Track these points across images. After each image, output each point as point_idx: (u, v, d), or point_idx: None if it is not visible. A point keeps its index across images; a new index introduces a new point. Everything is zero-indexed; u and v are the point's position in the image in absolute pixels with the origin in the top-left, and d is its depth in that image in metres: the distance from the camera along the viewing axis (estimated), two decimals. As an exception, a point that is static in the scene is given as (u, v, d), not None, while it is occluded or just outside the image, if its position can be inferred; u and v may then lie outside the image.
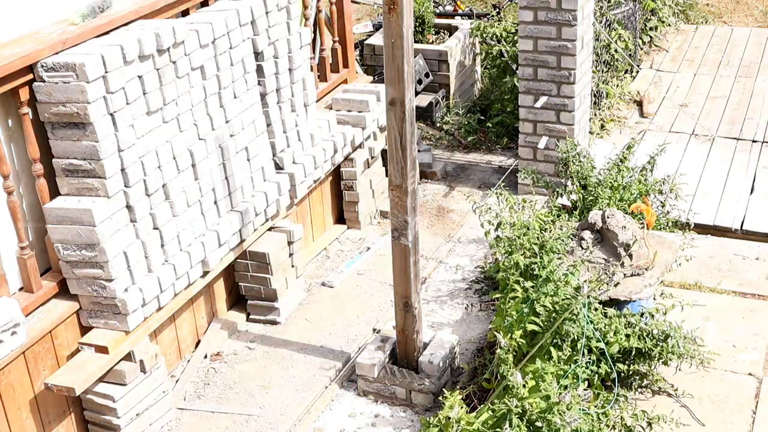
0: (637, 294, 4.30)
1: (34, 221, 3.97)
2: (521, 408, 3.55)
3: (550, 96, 5.78)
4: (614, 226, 4.44)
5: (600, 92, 6.88)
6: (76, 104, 3.65)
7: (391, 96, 3.77)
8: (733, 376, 4.33)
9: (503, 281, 4.36)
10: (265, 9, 4.68)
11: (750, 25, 8.96)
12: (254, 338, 4.80)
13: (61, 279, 3.97)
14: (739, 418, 4.08)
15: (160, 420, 4.20)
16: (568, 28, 5.55)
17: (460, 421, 3.70)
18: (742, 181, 6.00)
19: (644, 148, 6.03)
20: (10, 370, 3.71)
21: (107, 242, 3.81)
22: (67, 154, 3.78)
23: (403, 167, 3.90)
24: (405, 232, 4.04)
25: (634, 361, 4.15)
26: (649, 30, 8.22)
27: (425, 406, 4.24)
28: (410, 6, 3.62)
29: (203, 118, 4.34)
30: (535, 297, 4.05)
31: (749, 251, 5.31)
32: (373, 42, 7.44)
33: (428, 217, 5.92)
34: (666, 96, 7.36)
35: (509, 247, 4.44)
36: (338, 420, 4.23)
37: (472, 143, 6.85)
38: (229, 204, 4.57)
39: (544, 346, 3.92)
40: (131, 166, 3.89)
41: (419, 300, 4.27)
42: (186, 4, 4.52)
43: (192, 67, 4.20)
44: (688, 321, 4.33)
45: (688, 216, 5.27)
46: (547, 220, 4.77)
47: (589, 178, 5.16)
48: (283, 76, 4.92)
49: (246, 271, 4.83)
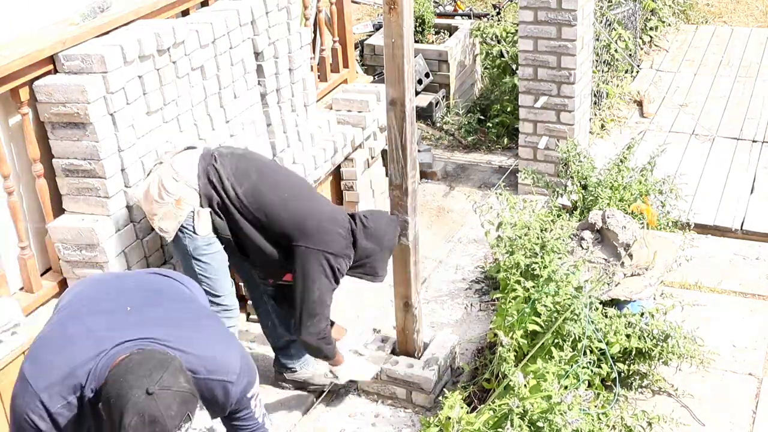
0: (638, 294, 4.30)
1: (34, 221, 3.96)
2: (522, 408, 3.55)
3: (550, 96, 5.78)
4: (614, 226, 4.44)
5: (600, 92, 6.88)
6: (76, 104, 3.65)
7: (391, 96, 3.76)
8: (733, 376, 4.33)
9: (504, 281, 4.36)
10: (265, 9, 4.68)
11: (750, 25, 8.96)
12: (254, 338, 4.79)
13: (61, 279, 3.97)
14: (739, 418, 4.08)
15: (161, 420, 4.19)
16: (568, 28, 5.55)
17: (460, 421, 3.70)
18: (742, 181, 6.00)
19: (644, 148, 6.03)
20: (10, 369, 3.70)
21: (107, 242, 3.81)
22: (67, 154, 3.78)
23: (403, 167, 3.90)
24: (405, 232, 4.04)
25: (634, 361, 4.14)
26: (649, 30, 8.22)
27: (425, 406, 4.24)
28: (410, 6, 3.62)
29: (203, 118, 4.34)
30: (536, 297, 4.05)
31: (749, 251, 5.31)
32: (373, 42, 7.44)
33: (428, 217, 5.92)
34: (666, 96, 7.36)
35: (510, 247, 4.44)
36: (338, 420, 4.23)
37: (472, 143, 6.85)
38: (229, 204, 4.57)
39: (545, 345, 3.92)
40: (131, 166, 3.89)
41: (419, 300, 4.27)
42: (186, 4, 4.51)
43: (192, 67, 4.20)
44: (688, 321, 4.32)
45: (688, 216, 5.27)
46: (548, 220, 4.77)
47: (589, 178, 5.16)
48: (283, 76, 4.92)
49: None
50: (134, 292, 2.77)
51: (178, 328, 2.61)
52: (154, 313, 2.65)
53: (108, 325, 2.56)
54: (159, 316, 2.65)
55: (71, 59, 3.71)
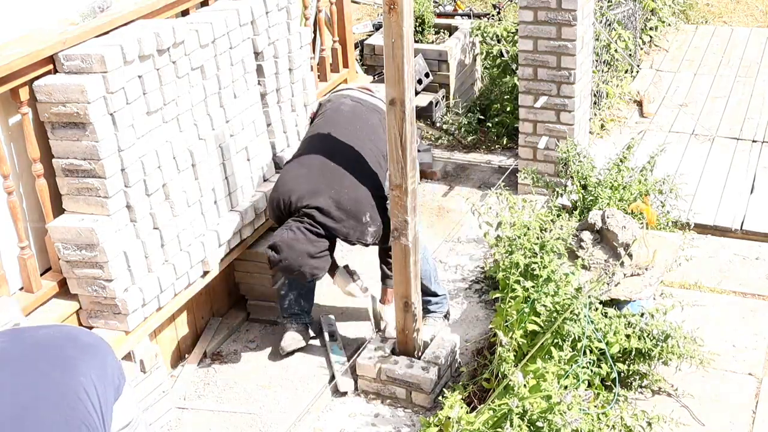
0: (637, 294, 4.30)
1: (33, 221, 3.97)
2: (522, 408, 3.55)
3: (550, 96, 5.78)
4: (614, 226, 4.44)
5: (600, 92, 6.88)
6: (76, 104, 3.65)
7: (391, 96, 3.77)
8: (733, 376, 4.33)
9: (503, 281, 4.35)
10: (265, 9, 4.68)
11: (750, 25, 8.96)
12: (254, 338, 4.80)
13: (61, 279, 3.97)
14: (739, 418, 4.08)
15: (160, 419, 4.19)
16: (568, 28, 5.55)
17: (460, 421, 3.70)
18: (742, 181, 6.00)
19: (644, 148, 6.03)
20: (10, 370, 3.71)
21: (107, 242, 3.81)
22: (67, 154, 3.78)
23: (403, 167, 3.90)
24: (405, 232, 4.04)
25: (634, 361, 4.15)
26: (649, 30, 8.22)
27: (425, 406, 4.24)
28: (410, 6, 3.62)
29: (203, 118, 4.34)
30: (536, 297, 4.05)
31: (749, 251, 5.31)
32: (373, 42, 7.44)
33: (428, 217, 5.92)
34: (666, 96, 7.36)
35: (510, 247, 4.44)
36: (338, 420, 4.23)
37: (472, 143, 6.85)
38: (229, 204, 4.57)
39: (544, 345, 3.92)
40: (131, 166, 3.89)
41: (419, 300, 4.27)
42: (186, 4, 4.52)
43: (192, 66, 4.20)
44: (688, 321, 4.33)
45: (688, 216, 5.27)
46: (547, 220, 4.77)
47: (589, 178, 5.16)
48: (283, 76, 4.92)
49: (246, 271, 4.83)
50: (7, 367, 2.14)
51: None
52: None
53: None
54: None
55: (71, 59, 3.71)
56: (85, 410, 2.09)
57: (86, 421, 2.08)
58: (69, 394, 2.09)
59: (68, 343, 2.20)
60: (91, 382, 2.12)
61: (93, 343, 2.24)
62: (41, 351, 2.16)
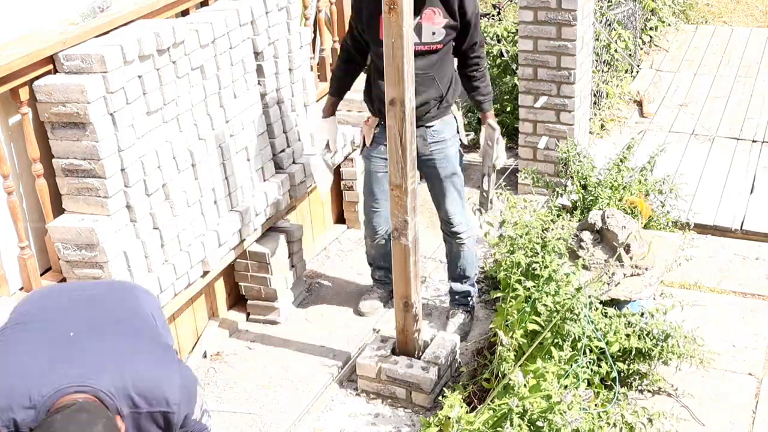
0: (637, 294, 4.30)
1: (33, 221, 3.97)
2: (522, 407, 3.55)
3: (550, 96, 5.78)
4: (614, 226, 4.44)
5: (600, 92, 6.88)
6: (76, 104, 3.66)
7: (391, 96, 3.77)
8: (733, 376, 4.33)
9: (504, 281, 4.36)
10: (265, 9, 4.68)
11: (750, 25, 8.96)
12: (254, 338, 4.80)
13: (61, 279, 3.97)
14: (739, 418, 4.08)
15: (160, 420, 4.20)
16: (568, 28, 5.56)
17: (460, 421, 3.70)
18: (742, 181, 6.00)
19: (644, 148, 6.04)
20: (10, 370, 3.71)
21: (107, 242, 3.81)
22: (67, 154, 3.79)
23: (403, 167, 3.90)
24: (405, 232, 4.04)
25: (634, 360, 4.15)
26: (649, 30, 8.22)
27: (425, 405, 4.24)
28: (410, 6, 3.62)
29: (203, 118, 4.34)
30: (537, 296, 4.05)
31: (749, 251, 5.31)
32: (373, 42, 7.43)
33: (428, 217, 5.91)
34: (666, 96, 7.36)
35: (511, 247, 4.44)
36: (338, 419, 4.23)
37: (472, 143, 6.84)
38: (229, 204, 4.57)
39: (544, 345, 3.92)
40: (131, 166, 3.89)
41: (419, 300, 4.27)
42: (186, 4, 4.52)
43: (192, 66, 4.20)
44: (688, 321, 4.33)
45: (688, 216, 5.27)
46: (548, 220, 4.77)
47: (589, 178, 5.16)
48: (283, 76, 4.93)
49: (246, 271, 4.83)
50: (83, 312, 2.72)
51: (114, 362, 2.57)
52: (94, 345, 2.60)
53: (50, 356, 2.53)
54: (96, 349, 2.59)
55: (71, 59, 3.72)
56: (157, 329, 2.82)
57: (158, 338, 2.80)
58: (147, 318, 2.82)
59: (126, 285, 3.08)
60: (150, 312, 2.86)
61: (136, 285, 3.06)
62: (114, 289, 2.94)
